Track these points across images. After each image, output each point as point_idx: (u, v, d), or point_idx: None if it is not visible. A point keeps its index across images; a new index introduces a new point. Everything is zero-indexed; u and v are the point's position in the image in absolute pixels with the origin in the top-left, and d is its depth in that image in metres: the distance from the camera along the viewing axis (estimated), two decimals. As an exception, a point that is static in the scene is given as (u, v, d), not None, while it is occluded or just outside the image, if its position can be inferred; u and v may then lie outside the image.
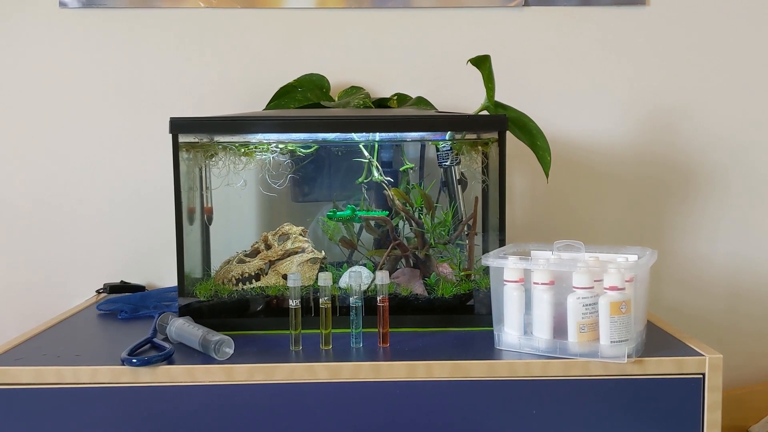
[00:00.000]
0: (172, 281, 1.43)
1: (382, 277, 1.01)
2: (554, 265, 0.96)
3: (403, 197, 1.18)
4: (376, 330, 1.02)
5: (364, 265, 1.19)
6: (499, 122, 1.11)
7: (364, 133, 1.17)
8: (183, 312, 1.09)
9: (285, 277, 1.13)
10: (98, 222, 1.48)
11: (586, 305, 0.93)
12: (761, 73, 1.51)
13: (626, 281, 0.93)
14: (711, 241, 1.52)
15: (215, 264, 1.23)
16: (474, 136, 1.20)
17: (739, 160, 1.51)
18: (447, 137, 1.20)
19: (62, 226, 1.48)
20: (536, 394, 0.93)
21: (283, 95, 1.37)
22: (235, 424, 0.92)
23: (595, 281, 0.93)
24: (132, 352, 0.96)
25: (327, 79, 1.42)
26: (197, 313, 1.09)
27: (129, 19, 1.47)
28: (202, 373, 0.92)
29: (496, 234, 1.12)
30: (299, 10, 1.47)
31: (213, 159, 1.20)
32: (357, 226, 1.25)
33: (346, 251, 1.25)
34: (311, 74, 1.41)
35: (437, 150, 1.24)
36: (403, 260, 1.19)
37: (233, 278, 1.15)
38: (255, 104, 1.44)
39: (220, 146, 1.19)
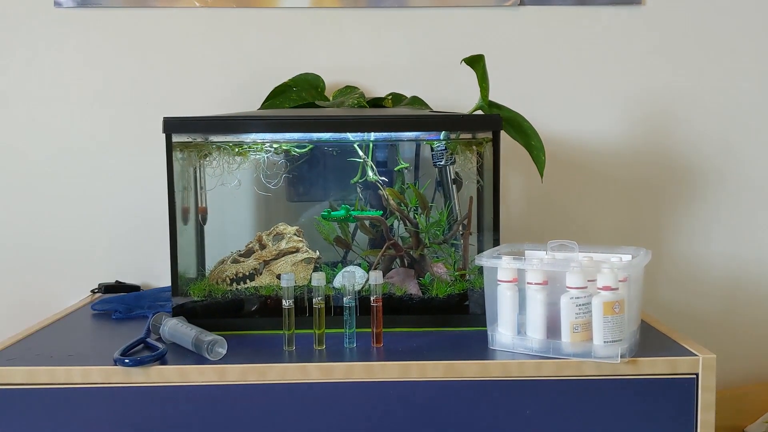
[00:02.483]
0: (167, 281, 1.42)
1: (376, 277, 1.01)
2: (548, 265, 0.96)
3: (397, 197, 1.18)
4: (370, 330, 1.02)
5: (359, 264, 1.19)
6: (493, 122, 1.11)
7: (358, 133, 1.17)
8: (177, 312, 1.09)
9: (279, 277, 1.13)
10: (93, 222, 1.48)
11: (580, 305, 0.93)
12: (758, 74, 1.51)
13: (620, 281, 0.93)
14: (707, 241, 1.52)
15: (209, 264, 1.23)
16: (469, 136, 1.20)
17: (736, 160, 1.51)
18: (442, 137, 1.20)
19: (57, 225, 1.48)
20: (529, 394, 0.93)
21: (278, 95, 1.37)
22: (227, 425, 0.92)
23: (588, 281, 0.93)
24: (125, 353, 0.96)
25: (322, 79, 1.41)
26: (191, 313, 1.09)
27: (124, 18, 1.46)
28: (195, 374, 0.92)
29: (491, 234, 1.12)
30: (294, 9, 1.47)
31: (207, 159, 1.20)
32: (352, 225, 1.24)
33: (341, 251, 1.25)
34: (306, 74, 1.41)
35: (432, 150, 1.23)
36: (397, 260, 1.19)
37: (227, 278, 1.14)
38: (250, 104, 1.44)
39: (215, 146, 1.19)
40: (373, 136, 1.19)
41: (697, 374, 0.93)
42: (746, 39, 1.50)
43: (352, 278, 1.03)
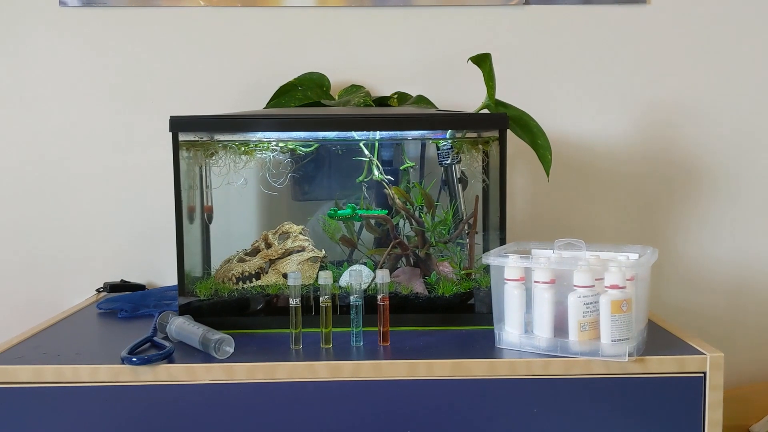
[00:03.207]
0: (172, 280, 1.43)
1: (383, 276, 1.01)
2: (555, 264, 0.96)
3: (403, 196, 1.18)
4: (377, 329, 1.02)
5: (365, 263, 1.19)
6: (499, 121, 1.10)
7: (364, 132, 1.17)
8: (183, 311, 1.09)
9: (285, 275, 1.13)
10: (98, 221, 1.48)
11: (587, 304, 0.93)
12: (764, 74, 1.50)
13: (627, 280, 0.93)
14: (713, 239, 1.52)
15: (215, 263, 1.23)
16: (475, 135, 1.20)
17: (741, 159, 1.51)
18: (447, 136, 1.19)
19: (62, 224, 1.48)
20: (537, 392, 0.93)
21: (284, 94, 1.37)
22: (235, 423, 0.92)
23: (596, 280, 0.93)
24: (132, 351, 0.96)
25: (327, 78, 1.41)
26: (197, 312, 1.09)
27: (129, 17, 1.46)
28: (203, 372, 0.92)
29: (497, 233, 1.12)
30: (299, 8, 1.47)
31: (213, 157, 1.20)
32: (357, 224, 1.24)
33: (346, 250, 1.25)
34: (311, 73, 1.41)
35: (438, 148, 1.23)
36: (403, 259, 1.19)
37: (233, 277, 1.14)
38: (255, 103, 1.44)
39: (221, 145, 1.19)
40: (378, 134, 1.19)
41: (704, 373, 0.93)
42: (752, 38, 1.50)
43: (358, 277, 1.03)
